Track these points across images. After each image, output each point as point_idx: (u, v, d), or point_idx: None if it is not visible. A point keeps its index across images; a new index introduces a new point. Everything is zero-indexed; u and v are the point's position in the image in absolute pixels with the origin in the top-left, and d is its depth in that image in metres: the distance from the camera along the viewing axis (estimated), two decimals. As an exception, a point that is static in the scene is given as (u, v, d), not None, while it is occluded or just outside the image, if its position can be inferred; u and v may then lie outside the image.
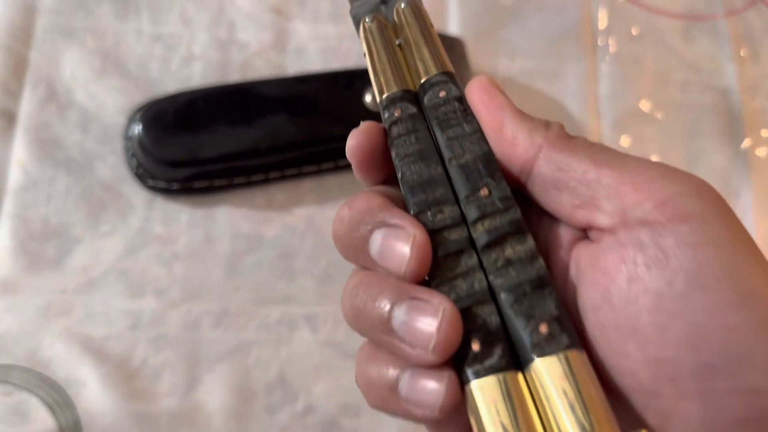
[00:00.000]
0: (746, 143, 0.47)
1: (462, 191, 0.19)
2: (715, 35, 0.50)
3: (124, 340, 0.39)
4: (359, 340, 0.41)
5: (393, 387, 0.18)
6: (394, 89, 0.22)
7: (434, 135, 0.21)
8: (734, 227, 0.17)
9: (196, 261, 0.41)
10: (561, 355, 0.17)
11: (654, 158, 0.30)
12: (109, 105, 0.43)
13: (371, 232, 0.19)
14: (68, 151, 0.42)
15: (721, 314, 0.16)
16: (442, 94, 0.22)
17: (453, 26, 0.48)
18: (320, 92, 0.43)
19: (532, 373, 0.17)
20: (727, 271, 0.16)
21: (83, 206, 0.42)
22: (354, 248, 0.20)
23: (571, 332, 0.17)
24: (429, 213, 0.19)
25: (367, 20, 0.25)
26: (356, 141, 0.21)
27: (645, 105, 0.48)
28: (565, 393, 0.16)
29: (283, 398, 0.39)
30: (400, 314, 0.18)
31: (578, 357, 0.17)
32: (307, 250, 0.42)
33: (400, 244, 0.18)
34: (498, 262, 0.18)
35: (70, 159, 0.42)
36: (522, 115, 0.20)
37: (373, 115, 0.41)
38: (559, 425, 0.16)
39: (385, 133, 0.22)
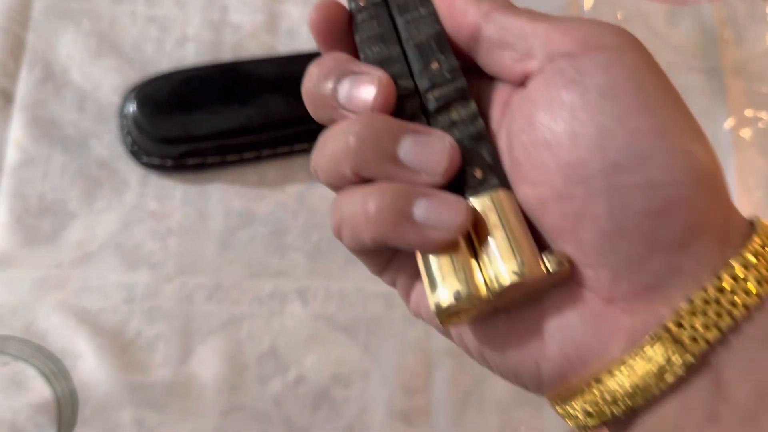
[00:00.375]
0: (729, 123, 0.48)
1: (416, 66, 0.22)
2: (699, 19, 0.51)
3: (119, 313, 0.40)
4: (349, 314, 0.42)
5: (406, 214, 0.19)
6: None
7: (395, 21, 0.23)
8: (645, 56, 0.19)
9: (189, 236, 0.42)
10: (492, 193, 0.20)
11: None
12: (105, 85, 0.44)
13: (339, 80, 0.21)
14: (64, 129, 0.43)
15: (627, 119, 0.18)
16: None
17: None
18: (311, 72, 0.44)
19: None
20: (635, 85, 0.18)
21: (79, 183, 0.42)
22: (324, 102, 0.21)
23: (501, 176, 0.20)
24: None
25: None
26: (316, 15, 0.23)
27: (630, 86, 0.49)
28: (493, 224, 0.19)
29: (274, 369, 0.40)
30: (407, 145, 0.20)
31: (506, 195, 0.20)
32: (299, 226, 0.43)
33: (366, 85, 0.20)
34: (444, 124, 0.21)
35: (66, 137, 0.43)
36: None
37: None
38: (486, 250, 0.19)
39: (348, 15, 0.24)
